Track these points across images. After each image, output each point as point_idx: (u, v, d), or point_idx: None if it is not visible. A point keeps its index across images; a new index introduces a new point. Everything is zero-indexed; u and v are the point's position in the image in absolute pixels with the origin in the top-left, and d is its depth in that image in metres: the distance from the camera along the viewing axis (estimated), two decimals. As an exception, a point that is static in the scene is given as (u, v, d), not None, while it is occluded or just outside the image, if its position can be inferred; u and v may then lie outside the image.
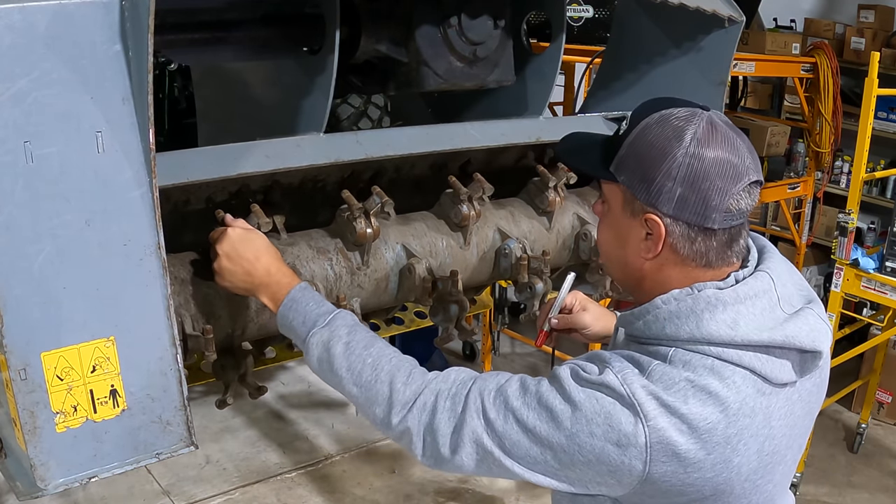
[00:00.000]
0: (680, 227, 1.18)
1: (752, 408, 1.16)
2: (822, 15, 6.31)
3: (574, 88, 4.28)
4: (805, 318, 1.19)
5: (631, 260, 1.25)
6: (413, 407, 1.25)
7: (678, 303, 1.18)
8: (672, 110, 1.20)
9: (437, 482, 4.02)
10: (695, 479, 1.15)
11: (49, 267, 1.22)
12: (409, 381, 1.27)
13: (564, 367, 1.21)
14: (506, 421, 1.20)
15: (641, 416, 1.12)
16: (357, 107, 2.90)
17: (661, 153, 1.16)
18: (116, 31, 1.22)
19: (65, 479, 1.29)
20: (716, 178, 1.15)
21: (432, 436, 1.24)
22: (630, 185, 1.20)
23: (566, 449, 1.16)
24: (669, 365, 1.16)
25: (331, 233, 1.75)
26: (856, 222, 3.72)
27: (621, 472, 1.15)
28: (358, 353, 1.31)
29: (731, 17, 2.06)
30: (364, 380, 1.29)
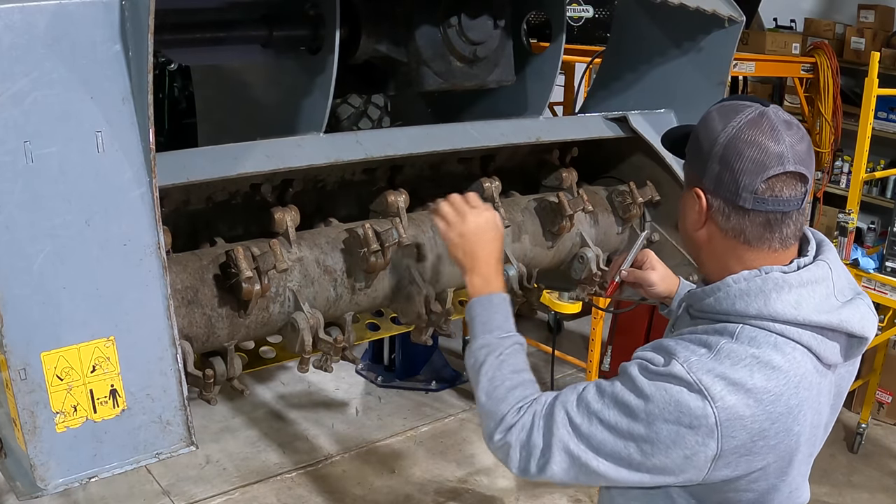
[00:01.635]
0: (717, 202, 1.31)
1: (809, 382, 1.29)
2: (822, 15, 6.31)
3: (574, 88, 4.28)
4: (857, 307, 1.32)
5: (690, 232, 1.38)
6: (514, 427, 1.38)
7: (748, 282, 1.29)
8: (734, 101, 1.33)
9: (437, 482, 4.02)
10: (760, 447, 1.27)
11: (49, 267, 1.22)
12: (521, 409, 1.40)
13: (633, 364, 1.32)
14: (590, 424, 1.31)
15: (709, 398, 1.23)
16: (357, 107, 2.89)
17: (709, 135, 1.30)
18: (116, 31, 1.22)
19: (65, 479, 1.29)
20: (747, 161, 1.26)
21: (526, 451, 1.36)
22: (690, 164, 1.37)
23: (646, 438, 1.26)
24: (736, 342, 1.27)
25: (342, 252, 1.76)
26: (856, 222, 3.73)
27: (697, 453, 1.25)
28: (505, 372, 1.45)
29: (731, 17, 2.06)
30: (496, 395, 1.43)
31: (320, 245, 1.74)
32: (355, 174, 1.95)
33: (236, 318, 1.63)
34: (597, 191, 2.27)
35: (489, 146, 1.95)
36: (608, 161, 2.38)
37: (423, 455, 4.25)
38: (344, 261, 1.76)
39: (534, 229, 2.06)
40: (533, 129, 2.05)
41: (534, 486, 4.01)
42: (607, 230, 2.25)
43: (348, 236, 1.75)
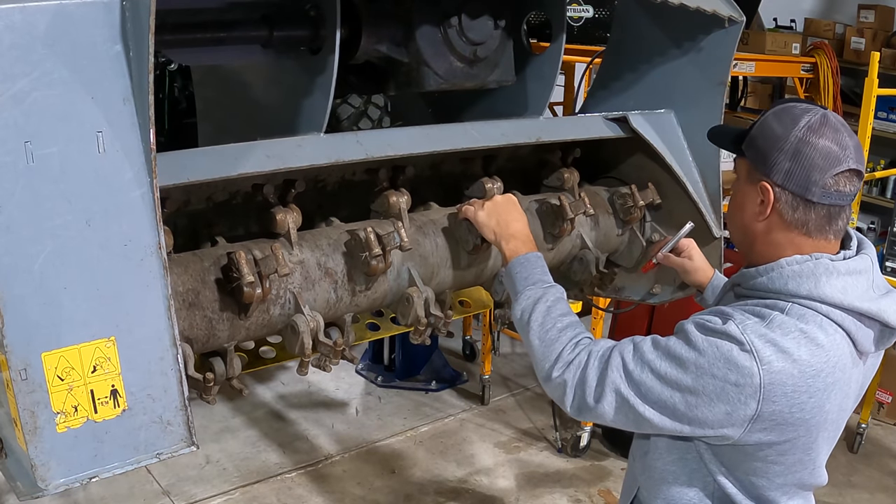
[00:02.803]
0: (786, 196, 1.42)
1: (844, 365, 1.40)
2: (822, 15, 6.32)
3: (574, 88, 4.28)
4: (894, 299, 1.44)
5: (748, 222, 1.48)
6: (571, 364, 1.49)
7: (800, 265, 1.41)
8: (795, 104, 1.45)
9: (437, 482, 4.02)
10: (796, 418, 1.37)
11: (49, 267, 1.22)
12: (577, 347, 1.51)
13: (690, 322, 1.43)
14: (642, 371, 1.41)
15: (757, 359, 1.33)
16: (357, 107, 2.89)
17: (778, 134, 1.41)
18: (117, 32, 1.22)
19: (65, 479, 1.29)
20: (818, 159, 1.38)
21: (581, 388, 1.46)
22: (752, 159, 1.46)
23: (692, 389, 1.36)
24: (787, 316, 1.38)
25: (343, 254, 1.76)
26: (856, 222, 3.72)
27: (737, 410, 1.35)
28: (554, 316, 1.56)
29: (731, 17, 2.06)
30: (548, 337, 1.54)
31: (321, 247, 1.74)
32: (356, 174, 1.96)
33: (237, 321, 1.63)
34: (598, 192, 2.27)
35: (489, 146, 1.95)
36: (608, 161, 2.38)
37: (423, 455, 4.25)
38: (345, 263, 1.76)
39: (534, 230, 2.06)
40: (533, 129, 2.05)
41: (534, 486, 4.02)
42: (608, 232, 2.25)
43: (350, 238, 1.75)
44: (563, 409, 1.51)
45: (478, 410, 4.71)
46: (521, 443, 4.37)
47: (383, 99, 2.90)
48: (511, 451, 4.30)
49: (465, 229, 1.89)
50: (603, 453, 4.22)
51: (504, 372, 5.09)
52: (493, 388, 4.80)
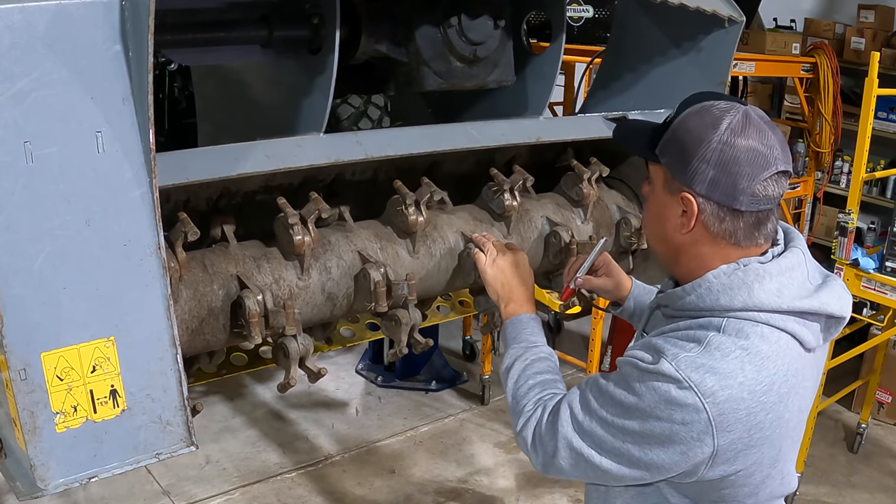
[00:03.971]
0: (711, 206, 1.31)
1: (796, 369, 1.31)
2: (822, 15, 6.31)
3: (574, 88, 4.28)
4: (833, 288, 1.35)
5: (669, 235, 1.38)
6: (529, 421, 1.45)
7: (729, 276, 1.31)
8: (713, 102, 1.32)
9: (437, 482, 4.02)
10: (757, 439, 1.28)
11: (49, 267, 1.22)
12: (538, 403, 1.47)
13: (624, 361, 1.35)
14: (591, 421, 1.34)
15: (699, 394, 1.23)
16: (357, 107, 2.90)
17: (698, 139, 1.29)
18: (116, 32, 1.22)
19: (65, 480, 1.29)
20: (745, 165, 1.27)
21: (541, 445, 1.42)
22: (670, 166, 1.34)
23: (641, 434, 1.28)
24: (724, 335, 1.28)
25: (349, 284, 1.77)
26: (856, 222, 3.72)
27: (693, 450, 1.26)
28: (528, 374, 1.53)
29: (731, 17, 2.06)
30: (518, 394, 1.51)
31: (329, 270, 1.73)
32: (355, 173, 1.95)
33: (233, 344, 1.64)
34: (609, 206, 2.24)
35: (489, 146, 1.95)
36: (608, 161, 2.38)
37: (423, 455, 4.25)
38: (347, 291, 1.75)
39: (534, 251, 2.06)
40: (533, 129, 2.05)
41: (534, 485, 4.01)
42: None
43: (360, 272, 1.73)
44: (534, 467, 1.47)
45: (478, 410, 4.71)
46: (521, 443, 4.37)
47: (383, 99, 2.90)
48: (511, 451, 4.30)
49: (471, 264, 1.86)
50: (603, 453, 4.22)
51: (504, 372, 5.09)
52: (493, 388, 4.80)
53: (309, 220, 1.64)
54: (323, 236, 1.73)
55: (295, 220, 1.61)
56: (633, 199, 2.33)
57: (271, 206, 1.66)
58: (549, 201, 2.12)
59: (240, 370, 2.07)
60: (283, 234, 1.65)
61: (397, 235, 1.84)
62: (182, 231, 1.49)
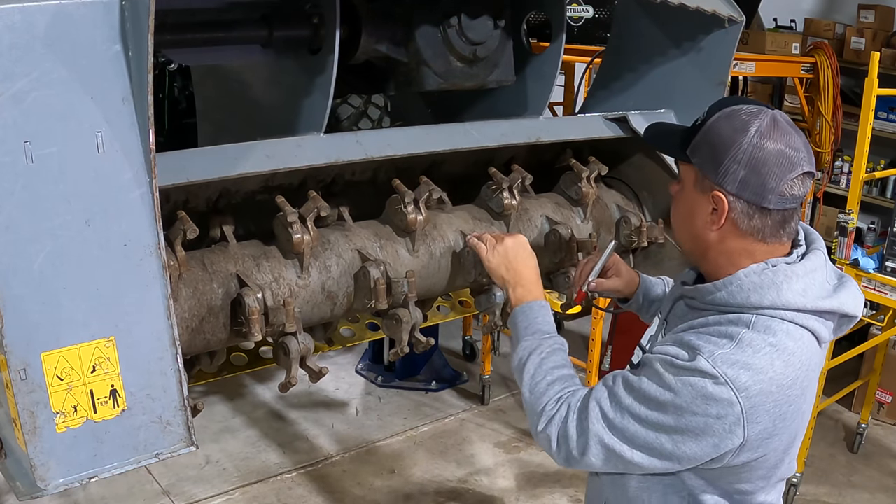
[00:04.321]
0: (741, 205, 1.39)
1: (815, 363, 1.42)
2: (822, 15, 6.31)
3: (574, 88, 4.28)
4: (849, 289, 1.44)
5: (699, 231, 1.45)
6: (553, 419, 1.47)
7: (759, 276, 1.39)
8: (742, 106, 1.41)
9: (437, 482, 4.02)
10: (779, 428, 1.37)
11: (49, 267, 1.22)
12: (559, 401, 1.49)
13: (656, 360, 1.40)
14: (623, 418, 1.40)
15: (734, 388, 1.31)
16: (357, 107, 2.89)
17: (729, 141, 1.37)
18: (116, 32, 1.22)
19: (65, 479, 1.29)
20: (773, 166, 1.36)
21: (565, 442, 1.45)
22: (702, 166, 1.41)
23: (676, 429, 1.35)
24: (753, 331, 1.36)
25: (348, 282, 1.77)
26: (856, 222, 3.72)
27: (724, 440, 1.34)
28: (546, 369, 1.54)
29: (731, 17, 2.06)
30: (537, 390, 1.52)
31: (329, 269, 1.73)
32: (355, 173, 1.95)
33: (234, 343, 1.64)
34: (609, 205, 2.25)
35: (489, 146, 1.95)
36: (607, 161, 2.38)
37: (423, 455, 4.25)
38: (347, 290, 1.75)
39: (535, 250, 2.05)
40: (533, 129, 2.05)
41: (534, 485, 4.01)
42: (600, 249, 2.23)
43: (360, 271, 1.73)
44: (555, 462, 1.50)
45: (478, 410, 4.71)
46: (521, 443, 4.37)
47: (383, 99, 2.90)
48: (511, 451, 4.30)
49: (471, 261, 1.87)
50: (603, 453, 4.22)
51: (504, 372, 5.09)
52: (493, 388, 4.80)
53: (308, 219, 1.64)
54: (322, 235, 1.73)
55: (294, 218, 1.61)
56: (632, 198, 2.34)
57: (271, 207, 1.66)
58: (548, 200, 2.12)
59: (240, 370, 2.07)
60: (283, 233, 1.65)
61: (397, 234, 1.84)
62: (181, 229, 1.49)
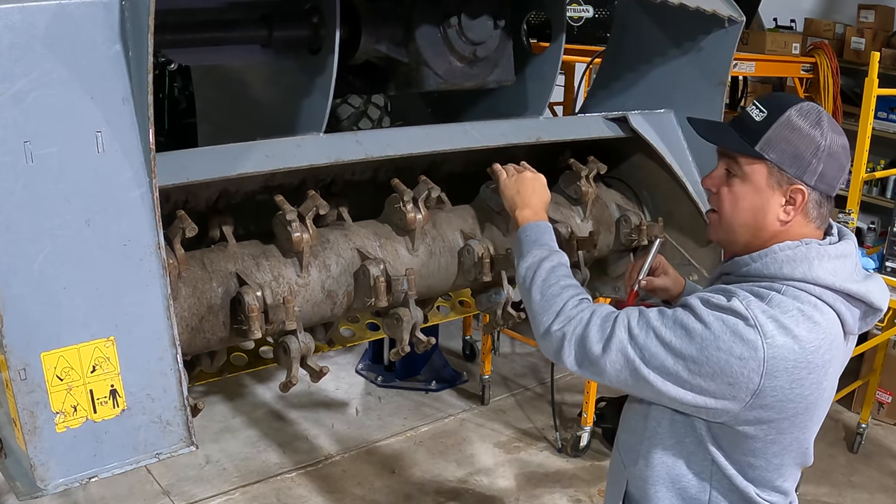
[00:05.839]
0: (815, 195, 1.48)
1: (838, 344, 1.46)
2: (822, 15, 6.31)
3: (574, 88, 4.28)
4: (877, 281, 1.51)
5: (766, 223, 1.50)
6: (573, 319, 1.51)
7: (793, 250, 1.46)
8: (802, 102, 1.49)
9: (437, 482, 4.02)
10: (796, 394, 1.41)
11: (49, 267, 1.22)
12: (581, 304, 1.53)
13: (694, 297, 1.46)
14: (647, 336, 1.44)
15: (762, 334, 1.37)
16: (357, 107, 2.90)
17: (809, 137, 1.45)
18: (116, 31, 1.22)
19: (65, 479, 1.29)
20: (842, 157, 1.48)
21: (582, 343, 1.48)
22: (780, 162, 1.46)
23: (696, 359, 1.39)
24: (783, 296, 1.42)
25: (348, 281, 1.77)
26: (856, 222, 3.72)
27: (740, 383, 1.38)
28: (559, 275, 1.59)
29: (731, 17, 2.06)
30: (550, 292, 1.56)
31: (329, 267, 1.73)
32: (355, 173, 1.95)
33: (234, 343, 1.64)
34: (608, 204, 2.25)
35: (490, 146, 1.95)
36: (607, 161, 2.38)
37: (423, 455, 4.24)
38: (347, 289, 1.75)
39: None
40: (533, 129, 2.05)
41: (534, 486, 4.01)
42: (601, 249, 2.23)
43: (359, 269, 1.74)
44: (559, 362, 1.52)
45: (478, 410, 4.71)
46: (521, 443, 4.37)
47: (383, 99, 2.90)
48: (511, 451, 4.30)
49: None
50: (603, 453, 4.22)
51: (504, 372, 5.09)
52: (493, 388, 4.80)
53: (307, 217, 1.64)
54: (322, 235, 1.74)
55: (293, 216, 1.61)
56: (631, 197, 2.34)
57: (271, 207, 1.67)
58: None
59: (240, 370, 2.07)
60: (282, 232, 1.65)
61: (396, 233, 1.84)
62: (180, 227, 1.49)
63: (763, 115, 1.49)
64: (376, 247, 1.80)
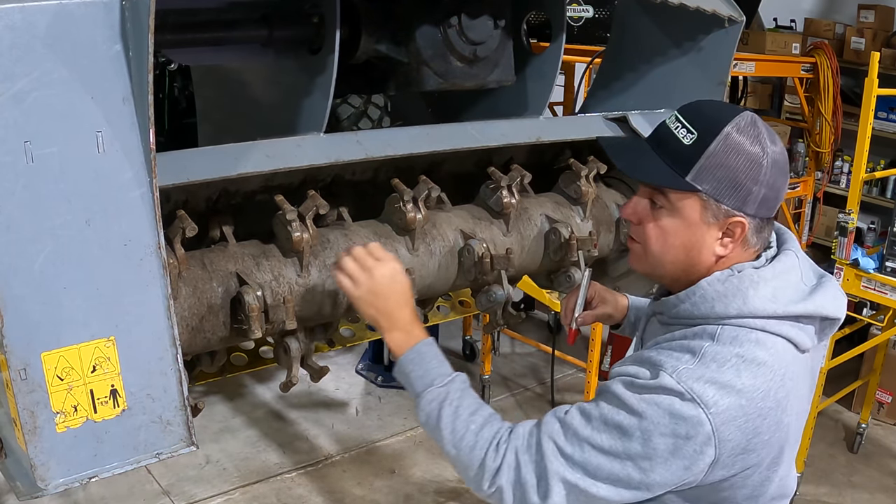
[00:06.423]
0: (756, 222, 1.31)
1: (793, 372, 1.29)
2: (822, 15, 6.31)
3: (574, 88, 4.28)
4: (827, 289, 1.34)
5: (703, 259, 1.33)
6: (500, 469, 1.33)
7: (724, 284, 1.29)
8: (737, 119, 1.28)
9: (437, 482, 4.02)
10: (755, 443, 1.26)
11: (49, 267, 1.22)
12: (498, 447, 1.35)
13: (617, 383, 1.29)
14: (583, 451, 1.28)
15: (703, 405, 1.21)
16: (357, 107, 2.89)
17: (748, 161, 1.26)
18: (117, 31, 1.22)
19: (65, 479, 1.29)
20: (784, 174, 1.31)
21: (521, 489, 1.31)
22: (716, 194, 1.28)
23: (643, 455, 1.24)
24: (718, 344, 1.26)
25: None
26: (856, 222, 3.72)
27: (695, 463, 1.24)
28: (464, 418, 1.39)
29: (731, 17, 2.06)
30: (464, 445, 1.37)
31: (328, 267, 1.72)
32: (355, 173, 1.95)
33: (234, 342, 1.64)
34: (609, 204, 2.25)
35: (490, 146, 1.95)
36: (608, 161, 2.38)
37: (423, 455, 4.24)
38: None
39: (535, 249, 2.06)
40: (533, 129, 2.05)
41: (534, 486, 4.01)
42: (602, 248, 2.24)
43: None
44: None
45: (478, 410, 4.71)
46: (521, 443, 4.37)
47: (383, 99, 2.90)
48: (511, 451, 4.30)
49: (471, 264, 1.87)
50: (603, 453, 4.22)
51: (504, 372, 5.09)
52: (493, 388, 4.80)
53: (307, 217, 1.64)
54: (322, 235, 1.74)
55: (293, 216, 1.61)
56: (631, 197, 2.33)
57: (271, 207, 1.67)
58: (547, 199, 2.13)
59: (240, 370, 2.07)
60: (282, 231, 1.65)
61: (396, 233, 1.84)
62: (180, 227, 1.49)
63: (693, 137, 1.28)
64: None
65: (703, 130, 1.27)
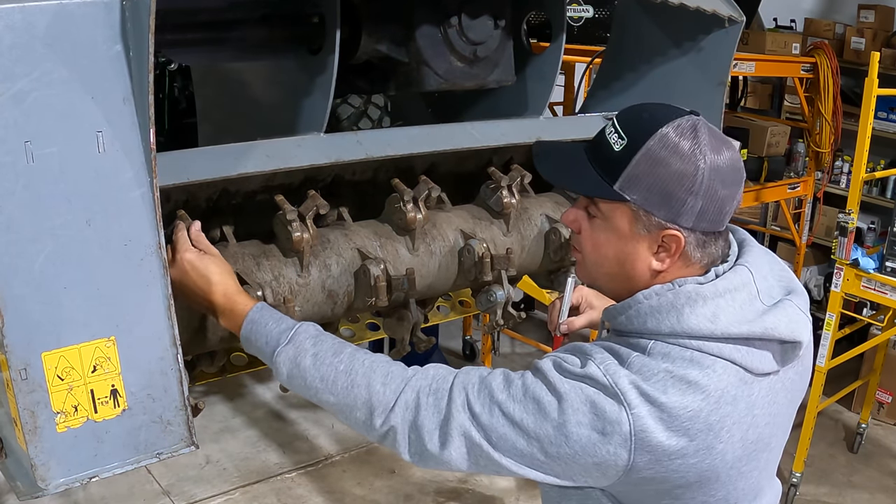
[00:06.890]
0: (695, 237, 1.21)
1: (734, 396, 1.18)
2: (822, 15, 6.31)
3: (574, 88, 4.28)
4: (784, 310, 1.21)
5: (638, 273, 1.25)
6: (395, 406, 1.24)
7: (659, 298, 1.20)
8: (674, 123, 1.18)
9: (437, 482, 4.02)
10: (678, 465, 1.16)
11: (50, 267, 1.22)
12: (388, 381, 1.26)
13: (547, 360, 1.23)
14: (491, 414, 1.20)
15: (625, 404, 1.14)
16: (357, 107, 2.89)
17: (680, 170, 1.16)
18: (117, 31, 1.22)
19: (65, 479, 1.29)
20: (731, 185, 1.19)
21: (417, 433, 1.23)
22: (646, 204, 1.19)
23: (553, 440, 1.17)
24: (648, 356, 1.18)
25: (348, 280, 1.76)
26: (856, 222, 3.72)
27: (607, 463, 1.16)
28: (328, 362, 1.30)
29: (731, 17, 2.06)
30: (339, 387, 1.29)
31: (329, 267, 1.73)
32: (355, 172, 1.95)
33: (235, 342, 1.64)
34: None
35: (490, 146, 1.95)
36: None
37: (423, 455, 4.25)
38: (347, 288, 1.75)
39: (535, 249, 2.06)
40: (533, 129, 2.05)
41: (534, 486, 4.00)
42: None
43: (360, 269, 1.73)
44: (403, 458, 1.26)
45: (478, 410, 4.71)
46: (521, 443, 4.37)
47: (383, 99, 2.90)
48: (511, 451, 4.30)
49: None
50: (603, 453, 4.22)
51: (504, 372, 5.09)
52: (493, 388, 4.80)
53: (307, 217, 1.64)
54: (322, 235, 1.74)
55: (293, 216, 1.61)
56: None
57: (271, 207, 1.67)
58: (547, 199, 2.13)
59: (240, 370, 2.07)
60: (282, 231, 1.65)
61: (396, 233, 1.84)
62: None
63: (623, 143, 1.19)
64: (377, 246, 1.80)
65: (634, 135, 1.19)
